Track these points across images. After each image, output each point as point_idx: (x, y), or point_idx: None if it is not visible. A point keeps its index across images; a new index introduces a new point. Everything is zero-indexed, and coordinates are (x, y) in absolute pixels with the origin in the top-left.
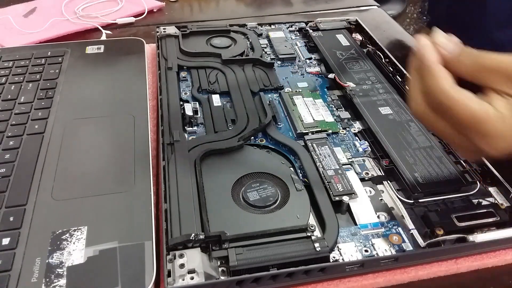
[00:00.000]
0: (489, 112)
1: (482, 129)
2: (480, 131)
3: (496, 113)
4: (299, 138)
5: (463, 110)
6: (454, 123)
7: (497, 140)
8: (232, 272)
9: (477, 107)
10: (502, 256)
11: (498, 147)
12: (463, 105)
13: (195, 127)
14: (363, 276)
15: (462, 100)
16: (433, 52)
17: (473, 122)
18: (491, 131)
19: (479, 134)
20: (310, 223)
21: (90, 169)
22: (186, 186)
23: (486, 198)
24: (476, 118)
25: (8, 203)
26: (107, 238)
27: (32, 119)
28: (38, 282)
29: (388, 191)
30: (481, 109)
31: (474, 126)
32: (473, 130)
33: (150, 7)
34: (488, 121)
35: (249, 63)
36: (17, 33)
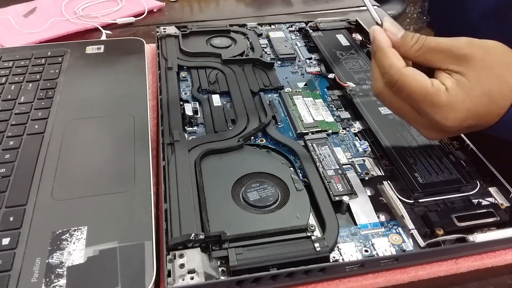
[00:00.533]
0: (438, 86)
1: (434, 101)
2: (432, 103)
3: (444, 86)
4: (299, 138)
5: (415, 85)
6: (408, 98)
7: (447, 110)
8: (232, 272)
9: (428, 82)
10: (502, 256)
11: (449, 116)
12: (414, 81)
13: (195, 127)
14: (363, 276)
15: (413, 76)
16: (385, 37)
17: (425, 95)
18: (441, 102)
19: (431, 106)
20: (310, 223)
21: (90, 169)
22: (186, 186)
23: (486, 198)
24: (427, 91)
25: (8, 203)
26: (107, 238)
27: (32, 119)
28: (38, 282)
29: (388, 191)
30: (431, 83)
31: (425, 99)
32: (426, 103)
33: (150, 7)
34: (437, 93)
35: (249, 63)
36: (17, 33)
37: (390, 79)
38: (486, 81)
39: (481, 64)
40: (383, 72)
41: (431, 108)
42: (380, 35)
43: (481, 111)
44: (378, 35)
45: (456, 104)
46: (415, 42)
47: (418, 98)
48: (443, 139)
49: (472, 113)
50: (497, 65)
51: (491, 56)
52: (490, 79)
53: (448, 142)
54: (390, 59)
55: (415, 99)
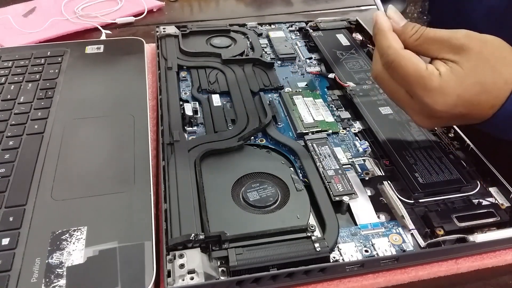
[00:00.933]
0: (431, 70)
1: (426, 84)
2: (424, 86)
3: (438, 71)
4: (299, 138)
5: (410, 66)
6: (402, 80)
7: (438, 93)
8: (232, 272)
9: (422, 65)
10: (502, 256)
11: (439, 101)
12: (410, 62)
13: (195, 127)
14: (363, 276)
15: (409, 58)
16: (387, 21)
17: (418, 77)
18: (433, 85)
19: (423, 89)
20: (310, 223)
21: (90, 169)
22: (186, 186)
23: (486, 198)
24: (420, 73)
25: (8, 203)
26: (107, 238)
27: (31, 119)
28: (38, 282)
29: (388, 191)
30: (425, 67)
31: (418, 81)
32: (418, 86)
33: (150, 6)
34: (430, 77)
35: (249, 63)
36: (17, 33)
37: (387, 59)
38: (480, 71)
39: (477, 56)
40: (381, 53)
41: (422, 91)
42: (382, 18)
43: (473, 99)
44: (380, 18)
45: (447, 89)
46: (415, 31)
47: (412, 80)
48: (435, 127)
49: (463, 100)
50: (493, 58)
51: (488, 49)
52: (485, 70)
53: (448, 142)
54: (389, 40)
55: (408, 81)
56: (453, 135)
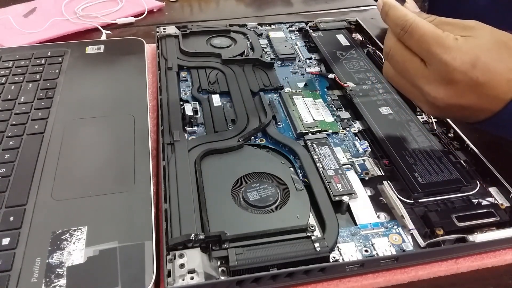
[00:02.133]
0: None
1: (444, 42)
2: (442, 44)
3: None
4: (299, 138)
5: (427, 27)
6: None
7: (456, 50)
8: (232, 272)
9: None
10: (502, 256)
11: (457, 56)
12: (427, 25)
13: (195, 127)
14: (363, 276)
15: (426, 22)
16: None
17: (436, 36)
18: (451, 44)
19: (441, 47)
20: (310, 223)
21: (90, 169)
22: (186, 186)
23: (486, 198)
24: (438, 34)
25: (8, 203)
26: (107, 238)
27: (32, 119)
28: (38, 282)
29: (388, 191)
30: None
31: (437, 41)
32: (436, 45)
33: (150, 7)
34: (448, 37)
35: (249, 63)
36: (17, 33)
37: (404, 24)
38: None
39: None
40: (396, 23)
41: (441, 48)
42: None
43: (490, 65)
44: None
45: (465, 47)
46: (428, 16)
47: (429, 39)
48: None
49: (481, 61)
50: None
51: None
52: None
53: (448, 142)
54: (403, 11)
55: (426, 41)
56: (453, 135)
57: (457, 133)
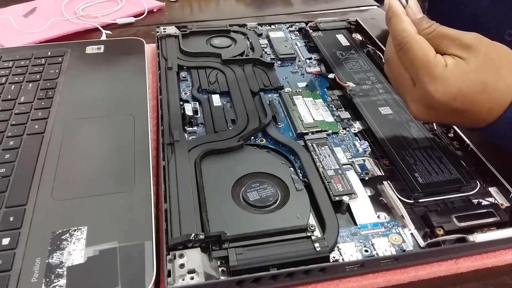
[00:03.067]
0: (439, 59)
1: (431, 70)
2: (428, 72)
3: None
4: (299, 138)
5: (420, 50)
6: (410, 63)
7: (440, 82)
8: (232, 272)
9: (432, 53)
10: (502, 256)
11: (440, 90)
12: (420, 47)
13: (195, 127)
14: (363, 276)
15: (421, 42)
16: (400, 6)
17: (425, 62)
18: (437, 73)
19: (427, 75)
20: (310, 223)
21: (90, 169)
22: (186, 186)
23: (486, 198)
24: (428, 59)
25: (8, 203)
26: (107, 238)
27: (32, 119)
28: (38, 282)
29: (388, 191)
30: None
31: (424, 66)
32: (423, 71)
33: (150, 7)
34: (436, 64)
35: (249, 63)
36: (17, 33)
37: (400, 40)
38: (484, 70)
39: (484, 55)
40: (395, 35)
41: (427, 77)
42: (395, 2)
43: (472, 96)
44: (393, 2)
45: (449, 79)
46: (429, 26)
47: (419, 64)
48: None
49: (462, 94)
50: (499, 61)
51: (496, 53)
52: (489, 70)
53: (448, 142)
54: (404, 23)
55: (415, 64)
56: (453, 135)
57: (457, 133)
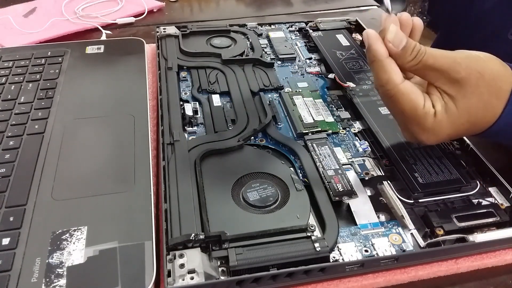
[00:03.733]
0: (428, 109)
1: (420, 124)
2: (418, 124)
3: (434, 110)
4: (299, 138)
5: (407, 105)
6: (399, 112)
7: (430, 133)
8: (232, 272)
9: (420, 103)
10: (502, 256)
11: (431, 139)
12: (407, 100)
13: (195, 127)
14: (363, 276)
15: (408, 94)
16: (381, 46)
17: (414, 116)
18: (426, 126)
19: (416, 126)
20: (310, 223)
21: (90, 169)
22: (186, 186)
23: (486, 198)
24: (416, 113)
25: (8, 203)
26: (107, 238)
27: (32, 119)
28: (38, 282)
29: (388, 191)
30: (422, 104)
31: (414, 119)
32: (413, 123)
33: (150, 7)
34: (425, 117)
35: (249, 63)
36: (17, 33)
37: (386, 93)
38: (473, 109)
39: (472, 90)
40: (379, 84)
41: (416, 128)
42: (376, 44)
43: (460, 134)
44: (374, 44)
45: (439, 130)
46: (414, 57)
47: (407, 116)
48: None
49: (451, 136)
50: (488, 91)
51: (485, 81)
52: (478, 107)
53: (448, 142)
54: (387, 73)
55: (404, 116)
56: None
57: None
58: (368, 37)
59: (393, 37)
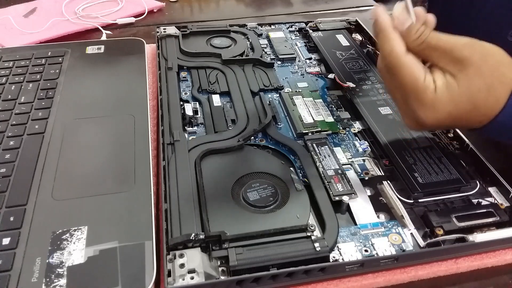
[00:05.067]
0: (428, 83)
1: (420, 97)
2: (417, 98)
3: (434, 85)
4: (299, 138)
5: (408, 77)
6: (400, 85)
7: (429, 109)
8: (232, 272)
9: (421, 76)
10: (502, 256)
11: (429, 115)
12: (408, 72)
13: (195, 127)
14: (363, 276)
15: (409, 67)
16: (388, 18)
17: (414, 89)
18: (426, 100)
19: (416, 101)
20: (310, 223)
21: (90, 169)
22: (186, 186)
23: (486, 198)
24: (417, 85)
25: (8, 203)
26: (107, 238)
27: (32, 119)
28: (38, 282)
29: (388, 191)
30: (423, 78)
31: (413, 93)
32: (412, 97)
33: (150, 7)
34: (425, 91)
35: (249, 63)
36: (18, 33)
37: (388, 64)
38: (475, 90)
39: (475, 71)
40: (383, 55)
41: (416, 102)
42: (382, 16)
43: (462, 116)
44: (380, 16)
45: (439, 105)
46: (418, 36)
47: (407, 89)
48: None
49: (452, 116)
50: (490, 74)
51: (488, 64)
52: (480, 89)
53: (447, 142)
54: (391, 44)
55: (405, 89)
56: (453, 135)
57: (457, 133)
58: (376, 11)
59: (399, 13)
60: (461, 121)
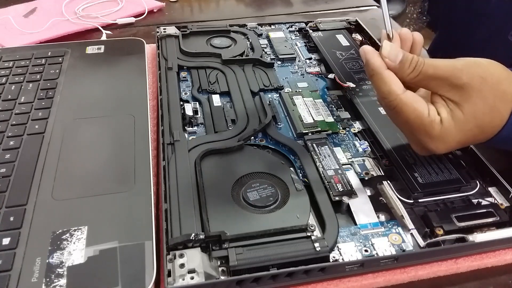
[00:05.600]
0: (433, 117)
1: (428, 132)
2: (425, 133)
3: (439, 117)
4: (299, 138)
5: (412, 114)
6: (405, 123)
7: (439, 141)
8: (232, 272)
9: (424, 111)
10: (502, 256)
11: (440, 146)
12: (412, 109)
13: (195, 127)
14: (363, 276)
15: (411, 103)
16: (379, 59)
17: (420, 124)
18: (434, 134)
19: (424, 135)
20: (310, 223)
21: (90, 169)
22: (186, 186)
23: (486, 198)
24: (422, 121)
25: (8, 203)
26: (107, 238)
27: (32, 119)
28: (38, 282)
29: (388, 191)
30: (427, 112)
31: (420, 128)
32: (420, 132)
33: (150, 7)
34: (432, 125)
35: (249, 63)
36: (18, 33)
37: (389, 104)
38: (479, 113)
39: (477, 95)
40: (381, 96)
41: (424, 137)
42: (373, 58)
43: (470, 140)
44: (371, 58)
45: (448, 137)
46: (413, 69)
47: (414, 126)
48: None
49: (461, 142)
50: (493, 95)
51: (488, 85)
52: (484, 111)
53: None
54: (388, 85)
55: (411, 126)
56: None
57: None
58: (365, 52)
59: (388, 52)
60: (469, 143)
